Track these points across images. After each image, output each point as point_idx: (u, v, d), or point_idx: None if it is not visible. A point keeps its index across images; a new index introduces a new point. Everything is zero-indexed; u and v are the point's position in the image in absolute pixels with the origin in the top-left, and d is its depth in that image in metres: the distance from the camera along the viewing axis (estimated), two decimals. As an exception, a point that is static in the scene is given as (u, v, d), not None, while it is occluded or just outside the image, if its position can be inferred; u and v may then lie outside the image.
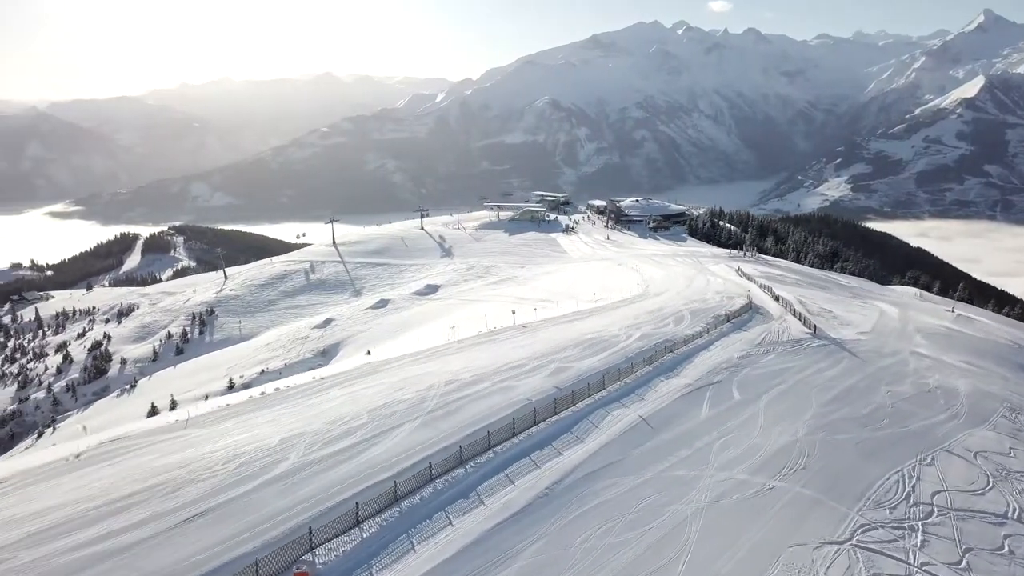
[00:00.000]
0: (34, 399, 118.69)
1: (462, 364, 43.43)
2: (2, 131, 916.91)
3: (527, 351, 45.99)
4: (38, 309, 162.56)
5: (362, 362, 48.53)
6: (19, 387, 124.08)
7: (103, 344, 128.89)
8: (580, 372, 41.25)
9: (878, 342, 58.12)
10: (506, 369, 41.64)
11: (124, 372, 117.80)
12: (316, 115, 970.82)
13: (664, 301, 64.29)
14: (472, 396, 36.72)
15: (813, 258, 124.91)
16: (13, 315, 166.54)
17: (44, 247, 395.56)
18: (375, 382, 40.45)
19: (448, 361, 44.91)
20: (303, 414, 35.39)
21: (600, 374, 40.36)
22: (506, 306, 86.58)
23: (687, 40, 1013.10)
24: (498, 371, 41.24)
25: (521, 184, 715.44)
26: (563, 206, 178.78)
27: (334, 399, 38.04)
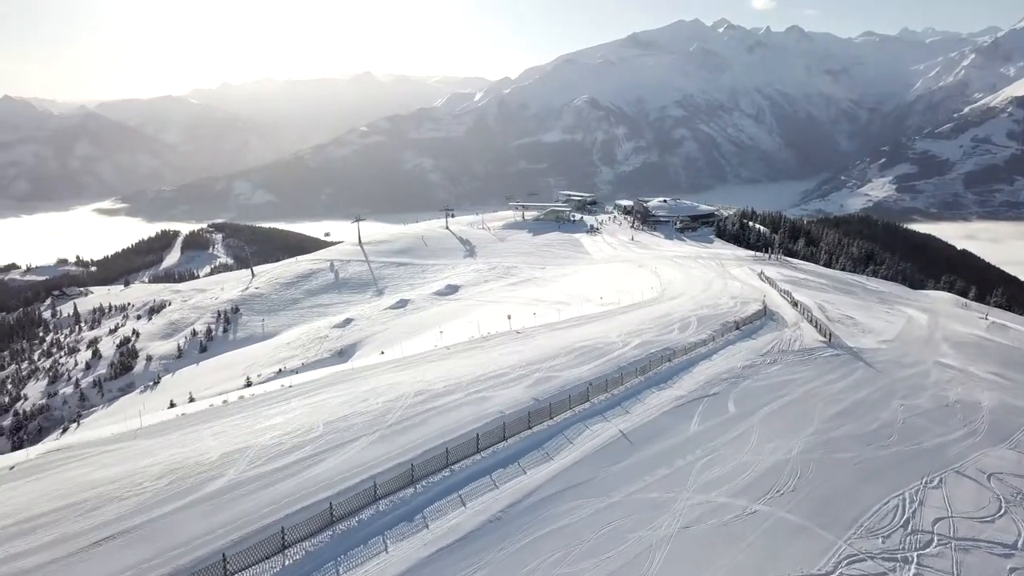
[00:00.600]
0: (62, 394, 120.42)
1: (440, 373, 41.99)
2: (53, 130, 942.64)
3: (514, 359, 44.43)
4: (76, 305, 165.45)
5: (336, 369, 47.18)
6: (49, 381, 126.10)
7: (131, 340, 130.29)
8: (565, 383, 39.46)
9: (900, 351, 55.46)
10: (485, 378, 39.95)
11: (149, 369, 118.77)
12: (355, 114, 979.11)
13: (675, 306, 62.19)
14: (441, 408, 35.02)
15: (846, 261, 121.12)
16: (53, 310, 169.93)
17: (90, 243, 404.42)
18: (343, 391, 38.91)
19: (426, 369, 43.42)
20: (256, 425, 33.95)
21: (586, 385, 38.58)
22: (522, 308, 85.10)
23: (728, 38, 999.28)
24: (476, 380, 39.63)
25: (557, 183, 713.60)
26: (590, 206, 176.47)
27: (294, 409, 36.51)
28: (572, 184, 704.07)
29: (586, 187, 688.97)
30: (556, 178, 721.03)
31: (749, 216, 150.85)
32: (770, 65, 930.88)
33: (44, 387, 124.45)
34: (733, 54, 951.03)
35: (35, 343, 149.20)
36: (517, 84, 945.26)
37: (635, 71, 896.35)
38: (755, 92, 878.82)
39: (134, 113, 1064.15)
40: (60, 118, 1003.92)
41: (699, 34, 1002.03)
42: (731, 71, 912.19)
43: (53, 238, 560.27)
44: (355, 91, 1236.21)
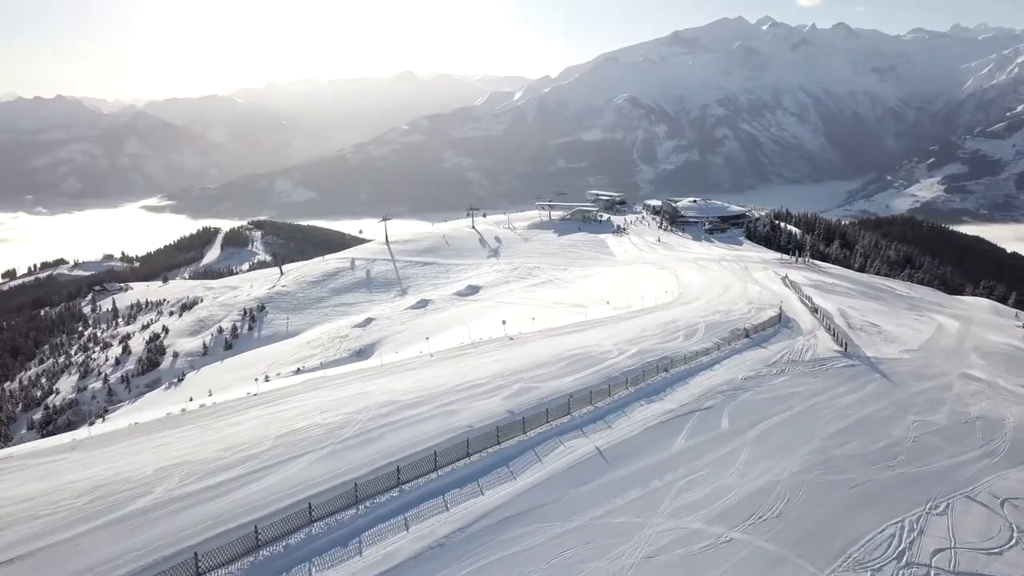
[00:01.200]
0: (91, 389, 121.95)
1: (414, 382, 40.33)
2: (103, 129, 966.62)
3: (497, 367, 42.67)
4: (115, 300, 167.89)
5: (307, 377, 45.88)
6: (80, 376, 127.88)
7: (160, 337, 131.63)
8: (546, 394, 37.59)
9: (922, 362, 52.74)
10: (461, 389, 38.17)
11: (175, 365, 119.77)
12: (396, 113, 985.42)
13: (687, 311, 60.00)
14: (404, 421, 33.23)
15: (881, 265, 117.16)
16: (93, 305, 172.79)
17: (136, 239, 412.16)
18: (306, 401, 37.33)
19: (401, 378, 41.93)
20: (203, 438, 32.35)
21: (569, 397, 36.61)
22: (539, 310, 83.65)
23: (772, 36, 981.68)
24: (450, 391, 37.88)
25: (597, 182, 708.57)
26: (619, 206, 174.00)
27: (248, 420, 34.96)
28: (612, 183, 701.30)
29: (626, 186, 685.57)
30: (596, 177, 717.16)
31: (783, 217, 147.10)
32: (815, 63, 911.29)
33: (75, 382, 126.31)
34: (777, 52, 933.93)
35: (73, 337, 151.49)
36: (557, 83, 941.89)
37: (676, 69, 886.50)
38: (799, 91, 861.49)
39: (181, 112, 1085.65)
40: (110, 117, 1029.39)
41: (742, 32, 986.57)
42: (774, 69, 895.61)
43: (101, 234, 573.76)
44: (397, 90, 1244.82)
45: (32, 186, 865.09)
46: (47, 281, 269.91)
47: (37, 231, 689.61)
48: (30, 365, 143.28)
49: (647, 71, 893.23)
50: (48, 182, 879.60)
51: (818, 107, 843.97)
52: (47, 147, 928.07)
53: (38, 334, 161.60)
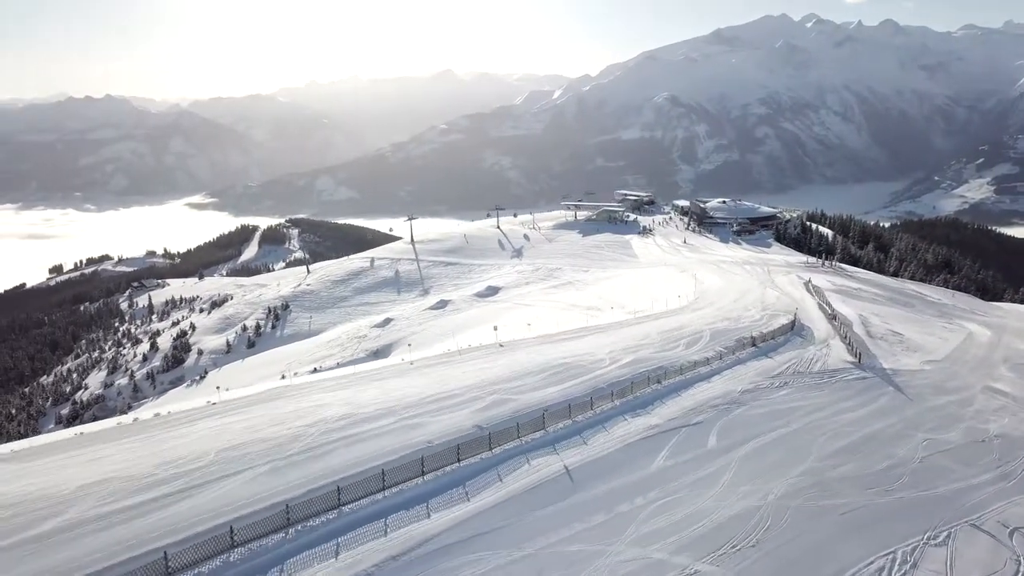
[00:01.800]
0: (118, 385, 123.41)
1: (380, 392, 38.44)
2: (150, 128, 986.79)
3: (477, 377, 40.84)
4: (151, 297, 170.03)
5: (272, 386, 44.38)
6: (109, 372, 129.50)
7: (188, 334, 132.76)
8: (522, 407, 35.64)
9: (945, 374, 50.01)
10: (430, 401, 36.28)
11: (199, 363, 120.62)
12: (436, 112, 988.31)
13: (696, 317, 57.78)
14: (360, 436, 31.27)
15: (916, 268, 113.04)
16: (130, 301, 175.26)
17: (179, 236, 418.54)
18: (263, 412, 35.58)
19: (369, 388, 39.95)
20: (142, 451, 30.43)
21: (543, 411, 34.49)
22: (553, 312, 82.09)
23: (816, 33, 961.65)
24: (419, 403, 36.01)
25: (636, 181, 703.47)
26: (647, 206, 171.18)
27: (196, 432, 32.94)
28: (651, 183, 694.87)
29: (666, 186, 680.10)
30: (635, 176, 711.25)
31: (817, 219, 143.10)
32: (860, 61, 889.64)
33: (104, 377, 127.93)
34: (821, 50, 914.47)
35: (109, 333, 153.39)
36: (597, 81, 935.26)
37: (718, 68, 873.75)
38: (843, 89, 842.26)
39: (225, 111, 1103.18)
40: (156, 116, 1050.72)
41: (786, 30, 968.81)
42: (818, 67, 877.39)
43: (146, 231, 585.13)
44: (437, 89, 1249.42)
45: (81, 184, 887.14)
46: (91, 277, 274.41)
47: (85, 228, 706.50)
48: (67, 359, 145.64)
49: (688, 69, 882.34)
50: (96, 180, 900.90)
51: (863, 106, 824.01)
52: (96, 146, 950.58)
53: (76, 329, 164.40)
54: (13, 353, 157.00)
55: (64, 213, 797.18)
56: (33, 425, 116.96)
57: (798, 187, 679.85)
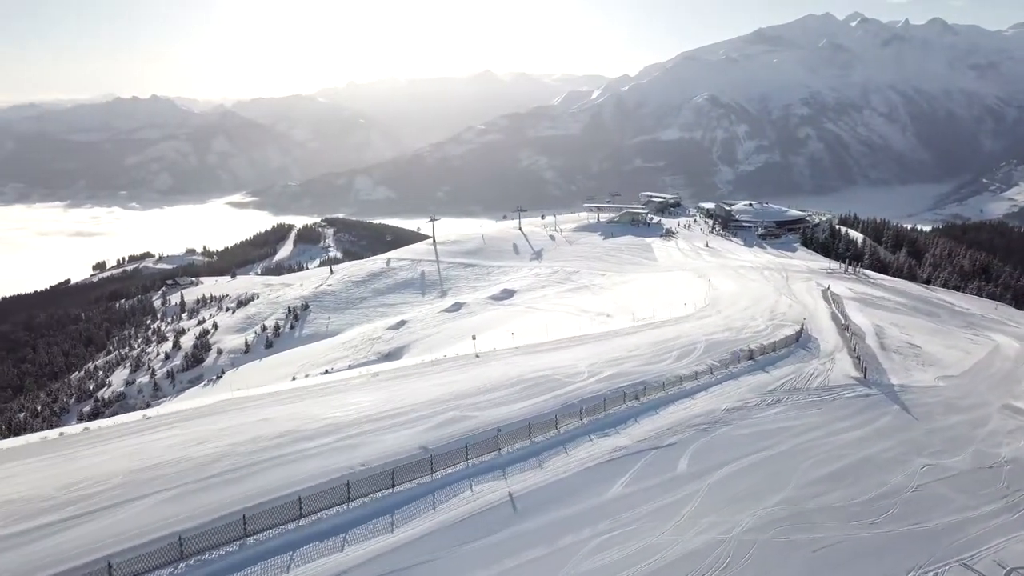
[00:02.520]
0: (139, 383, 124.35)
1: (330, 407, 36.37)
2: (194, 127, 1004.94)
3: (439, 391, 38.57)
4: (183, 295, 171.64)
5: (220, 398, 42.45)
6: (131, 370, 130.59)
7: (210, 333, 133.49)
8: (479, 425, 33.15)
9: (961, 391, 47.14)
10: (380, 417, 33.96)
11: (218, 362, 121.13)
12: (475, 112, 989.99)
13: (696, 326, 55.28)
14: (292, 456, 28.92)
15: (950, 275, 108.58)
16: (163, 299, 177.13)
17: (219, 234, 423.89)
18: (197, 428, 33.42)
19: (320, 402, 38.04)
20: (52, 470, 28.12)
21: (497, 430, 31.86)
22: (563, 318, 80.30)
23: (862, 32, 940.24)
24: (370, 419, 33.79)
25: (674, 182, 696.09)
26: (672, 208, 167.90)
27: (116, 450, 30.49)
28: (690, 183, 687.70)
29: (705, 187, 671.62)
30: (673, 177, 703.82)
31: (850, 223, 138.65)
32: (907, 60, 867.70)
33: (127, 375, 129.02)
34: (866, 49, 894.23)
35: (140, 330, 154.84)
36: (635, 82, 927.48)
37: (759, 68, 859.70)
38: (888, 89, 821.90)
39: (266, 111, 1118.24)
40: (200, 116, 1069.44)
41: (829, 29, 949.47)
42: (863, 67, 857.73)
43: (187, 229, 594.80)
44: (475, 89, 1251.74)
45: (127, 182, 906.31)
46: (132, 274, 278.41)
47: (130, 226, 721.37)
48: (98, 356, 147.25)
49: (728, 70, 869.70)
50: (142, 178, 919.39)
51: (909, 106, 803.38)
52: (142, 145, 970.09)
53: (110, 326, 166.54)
54: (49, 349, 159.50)
55: (110, 211, 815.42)
56: (55, 422, 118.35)
57: (841, 189, 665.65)
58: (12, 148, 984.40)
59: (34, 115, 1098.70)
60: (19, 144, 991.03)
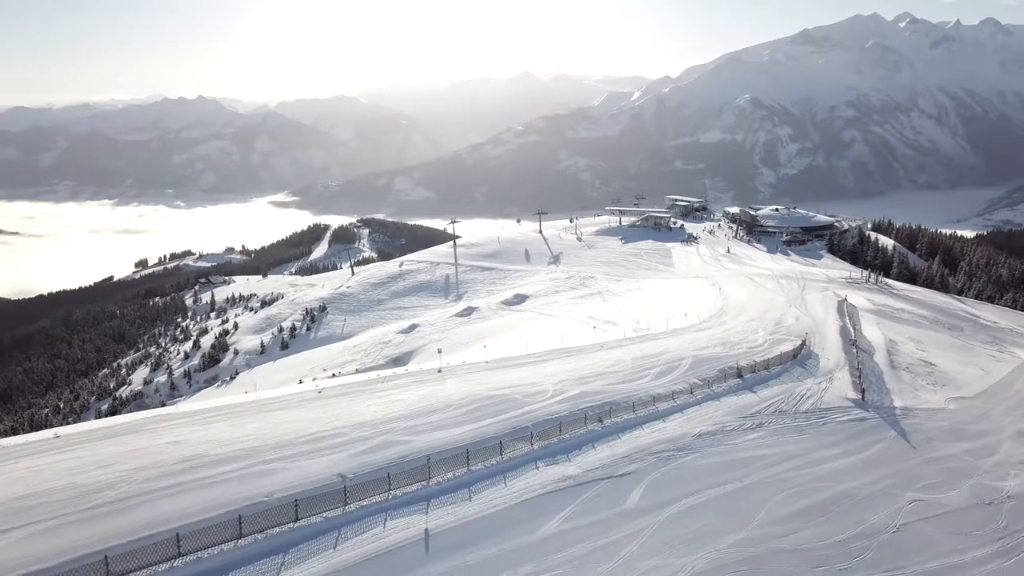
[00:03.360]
0: (156, 382, 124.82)
1: (259, 426, 33.61)
2: (238, 127, 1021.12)
3: (380, 412, 35.59)
4: (214, 293, 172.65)
5: (145, 416, 40.19)
6: (152, 368, 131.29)
7: (230, 333, 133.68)
8: (410, 452, 30.16)
9: (972, 414, 43.78)
10: (308, 439, 31.06)
11: (234, 363, 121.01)
12: (514, 113, 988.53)
13: (690, 340, 52.25)
14: (192, 484, 26.11)
15: (985, 285, 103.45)
16: (195, 297, 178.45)
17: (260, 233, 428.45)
18: (105, 449, 30.58)
19: (247, 422, 35.17)
20: None
21: (441, 455, 29.17)
22: (570, 325, 78.04)
23: (910, 33, 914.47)
24: (292, 442, 30.84)
25: (714, 184, 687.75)
26: (697, 212, 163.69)
27: (6, 473, 27.70)
28: (730, 186, 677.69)
29: (746, 190, 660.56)
30: (713, 179, 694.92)
31: (884, 229, 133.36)
32: (957, 62, 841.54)
33: (147, 374, 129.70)
34: (915, 50, 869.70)
35: (170, 328, 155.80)
36: (677, 83, 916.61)
37: (804, 69, 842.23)
38: (938, 91, 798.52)
39: (309, 112, 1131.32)
40: (244, 116, 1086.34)
41: (877, 29, 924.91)
42: (911, 68, 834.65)
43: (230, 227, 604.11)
44: (515, 90, 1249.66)
45: (173, 180, 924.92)
46: (173, 271, 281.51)
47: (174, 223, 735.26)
48: (128, 353, 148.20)
49: (772, 71, 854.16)
50: (187, 177, 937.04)
51: (959, 109, 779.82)
52: (188, 144, 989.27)
53: (143, 323, 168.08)
54: (83, 345, 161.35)
55: (155, 209, 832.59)
56: (75, 419, 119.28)
57: (887, 193, 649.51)
58: (65, 147, 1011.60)
59: (87, 115, 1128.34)
60: (72, 143, 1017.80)
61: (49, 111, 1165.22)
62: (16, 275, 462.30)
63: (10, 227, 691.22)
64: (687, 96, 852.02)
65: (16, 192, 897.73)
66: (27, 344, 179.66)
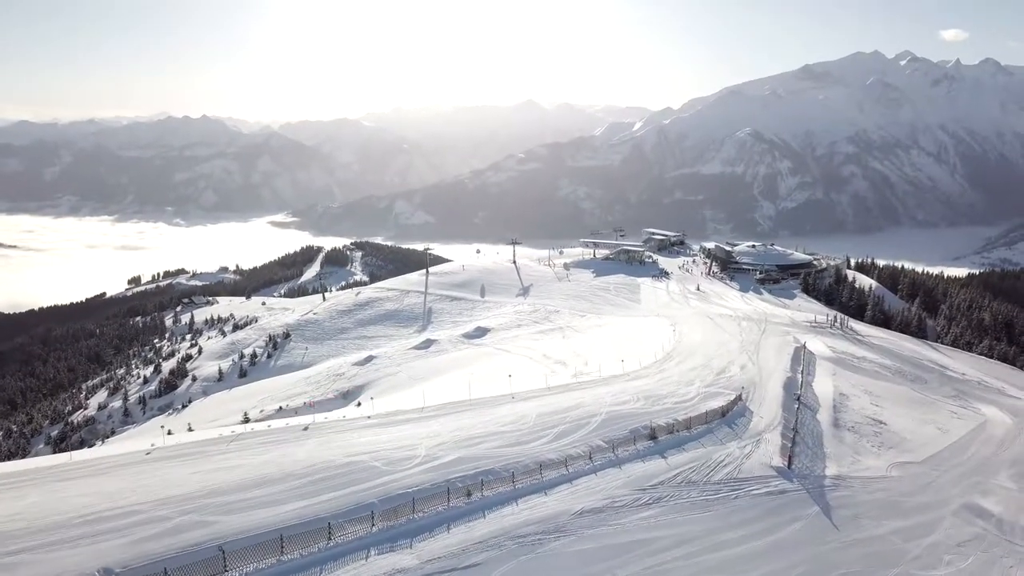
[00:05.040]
0: (110, 407, 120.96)
1: (22, 506, 27.82)
2: (241, 147, 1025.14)
3: (196, 483, 30.29)
4: (193, 315, 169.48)
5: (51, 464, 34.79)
6: (109, 392, 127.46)
7: (192, 358, 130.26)
8: (207, 538, 24.92)
9: (916, 483, 39.89)
10: (78, 522, 25.34)
11: (191, 389, 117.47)
12: (517, 141, 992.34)
13: (613, 391, 47.95)
14: None
15: (965, 329, 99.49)
16: (175, 318, 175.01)
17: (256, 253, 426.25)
18: None
19: (25, 494, 29.76)
20: None
21: (248, 541, 24.18)
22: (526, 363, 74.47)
23: (911, 71, 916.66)
24: (59, 526, 25.12)
25: (714, 216, 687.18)
26: (675, 246, 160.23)
27: None
28: (729, 217, 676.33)
29: (745, 222, 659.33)
30: (713, 211, 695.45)
31: (866, 268, 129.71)
32: (958, 101, 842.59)
33: (104, 398, 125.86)
34: (915, 88, 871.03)
35: (145, 349, 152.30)
36: (678, 115, 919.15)
37: (805, 104, 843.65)
38: (938, 129, 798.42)
39: (313, 133, 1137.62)
40: (247, 136, 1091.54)
41: (878, 66, 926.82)
42: (912, 106, 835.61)
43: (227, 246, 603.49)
44: (518, 118, 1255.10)
45: (175, 198, 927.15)
46: (165, 289, 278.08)
47: (173, 241, 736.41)
48: (100, 374, 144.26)
49: (773, 105, 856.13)
50: (188, 195, 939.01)
51: (959, 147, 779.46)
52: (191, 162, 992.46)
53: (120, 343, 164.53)
54: (57, 363, 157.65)
55: (155, 226, 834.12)
56: (23, 444, 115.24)
57: (885, 229, 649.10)
58: (70, 162, 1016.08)
59: (92, 131, 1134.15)
60: (76, 158, 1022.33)
61: (55, 126, 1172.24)
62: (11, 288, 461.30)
63: (9, 240, 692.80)
64: (688, 127, 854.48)
65: (18, 205, 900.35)
66: (3, 360, 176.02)
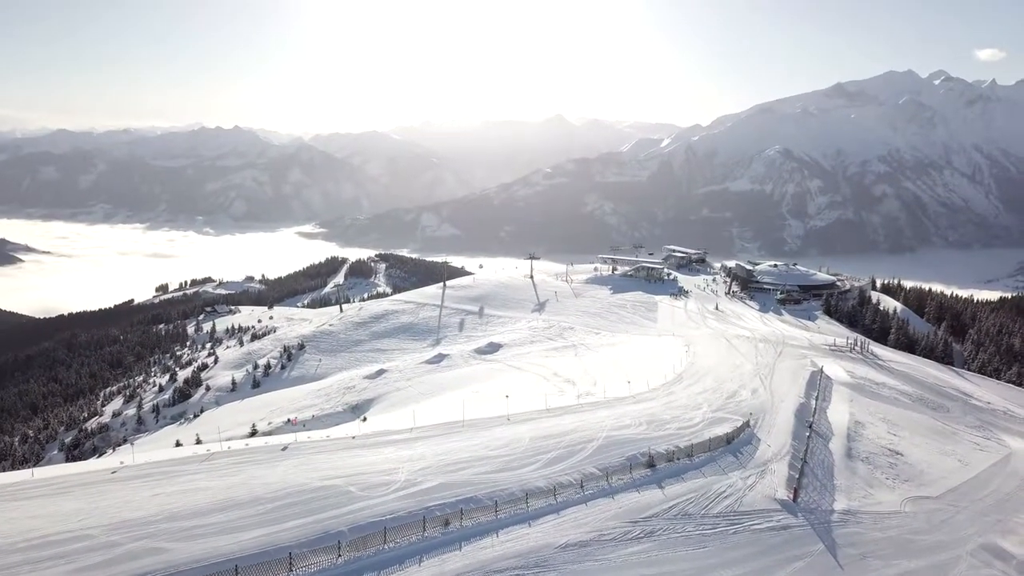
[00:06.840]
0: (125, 415, 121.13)
1: None
2: (272, 158, 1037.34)
3: (155, 506, 28.56)
4: (215, 323, 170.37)
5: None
6: (125, 400, 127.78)
7: (208, 367, 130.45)
8: (157, 568, 23.29)
9: (931, 520, 37.59)
10: (22, 547, 23.93)
11: (204, 399, 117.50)
12: (546, 156, 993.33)
13: (616, 415, 46.19)
14: None
15: (993, 356, 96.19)
16: (198, 326, 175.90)
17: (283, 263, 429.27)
18: None
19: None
20: None
21: (207, 571, 22.80)
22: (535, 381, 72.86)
23: (945, 91, 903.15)
24: (15, 547, 23.86)
25: (741, 233, 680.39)
26: (695, 264, 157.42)
27: None
28: (757, 235, 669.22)
29: (773, 241, 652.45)
30: (741, 228, 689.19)
31: (892, 290, 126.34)
32: (993, 121, 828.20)
33: (119, 406, 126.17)
34: (949, 108, 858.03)
35: (166, 357, 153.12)
36: (707, 132, 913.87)
37: (836, 123, 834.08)
38: (972, 150, 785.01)
39: (342, 146, 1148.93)
40: (278, 147, 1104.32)
41: (912, 86, 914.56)
42: (946, 126, 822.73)
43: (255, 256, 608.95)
44: (546, 133, 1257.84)
45: (206, 207, 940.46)
46: (191, 297, 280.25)
47: (202, 249, 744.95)
48: (121, 380, 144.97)
49: (804, 123, 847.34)
50: (219, 204, 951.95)
51: (993, 168, 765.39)
52: (222, 172, 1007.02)
53: (142, 350, 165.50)
54: (80, 369, 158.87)
55: (185, 235, 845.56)
56: (38, 451, 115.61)
57: (917, 249, 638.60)
58: (104, 170, 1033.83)
59: (126, 140, 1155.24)
60: (110, 167, 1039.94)
61: (91, 134, 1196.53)
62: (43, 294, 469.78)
63: (43, 246, 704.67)
64: (717, 145, 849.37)
65: (54, 212, 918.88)
66: (29, 365, 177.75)
